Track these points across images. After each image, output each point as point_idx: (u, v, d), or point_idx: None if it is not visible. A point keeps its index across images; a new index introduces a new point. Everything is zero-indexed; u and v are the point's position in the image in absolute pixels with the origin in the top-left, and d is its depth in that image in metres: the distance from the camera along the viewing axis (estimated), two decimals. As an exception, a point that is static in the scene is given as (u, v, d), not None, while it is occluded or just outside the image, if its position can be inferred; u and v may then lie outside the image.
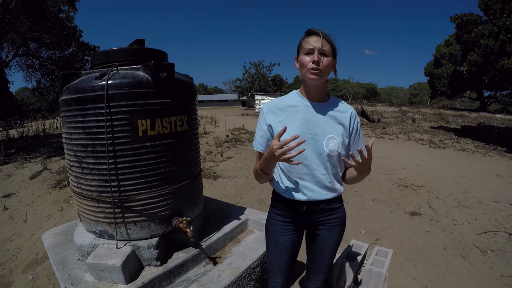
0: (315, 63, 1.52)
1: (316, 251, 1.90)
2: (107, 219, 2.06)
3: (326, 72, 1.58)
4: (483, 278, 3.40)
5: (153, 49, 2.27)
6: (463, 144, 12.22)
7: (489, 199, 5.79)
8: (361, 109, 19.12)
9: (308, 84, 1.65)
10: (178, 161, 2.17)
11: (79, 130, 1.97)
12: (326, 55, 1.54)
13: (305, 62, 1.56)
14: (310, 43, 1.53)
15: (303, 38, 1.60)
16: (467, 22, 14.96)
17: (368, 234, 4.37)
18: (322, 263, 1.91)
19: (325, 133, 1.64)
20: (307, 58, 1.55)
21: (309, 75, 1.57)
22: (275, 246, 1.91)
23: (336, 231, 1.85)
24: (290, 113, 1.69)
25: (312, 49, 1.53)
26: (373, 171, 7.52)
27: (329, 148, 1.63)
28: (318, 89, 1.66)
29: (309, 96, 1.69)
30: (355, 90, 76.80)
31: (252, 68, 51.02)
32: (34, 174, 7.04)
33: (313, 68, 1.53)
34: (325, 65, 1.54)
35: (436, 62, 31.66)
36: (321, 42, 1.52)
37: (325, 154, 1.63)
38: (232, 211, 3.02)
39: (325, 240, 1.85)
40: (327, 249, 1.87)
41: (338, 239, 1.89)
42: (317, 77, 1.56)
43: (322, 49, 1.52)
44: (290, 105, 1.71)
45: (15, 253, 3.88)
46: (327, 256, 1.89)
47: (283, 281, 1.97)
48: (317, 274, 1.95)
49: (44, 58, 16.86)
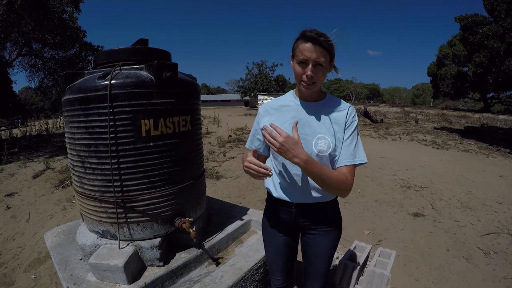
0: (308, 77, 1.46)
1: (310, 257, 1.85)
2: (109, 219, 2.05)
3: (320, 81, 1.53)
4: (486, 280, 3.38)
5: (156, 48, 2.26)
6: (466, 145, 12.17)
7: (493, 200, 5.77)
8: (364, 110, 19.08)
9: (301, 90, 1.61)
10: (181, 161, 2.16)
11: (82, 129, 1.97)
12: (321, 65, 1.46)
13: (299, 73, 1.50)
14: (304, 53, 1.43)
15: (298, 42, 1.47)
16: (472, 23, 14.89)
17: (371, 235, 4.36)
18: (317, 269, 1.84)
19: (315, 132, 1.58)
20: (301, 70, 1.48)
21: (301, 87, 1.54)
22: (269, 245, 1.94)
23: (330, 237, 1.78)
24: (283, 112, 1.69)
25: (306, 60, 1.43)
26: (376, 171, 7.51)
27: (318, 148, 1.56)
28: (312, 92, 1.61)
29: (303, 96, 1.66)
30: (358, 91, 76.74)
31: (255, 68, 51.10)
32: (37, 173, 7.06)
33: (306, 82, 1.49)
34: (319, 78, 1.49)
35: (439, 63, 31.68)
36: (317, 51, 1.41)
37: (314, 155, 1.56)
38: (235, 211, 3.02)
39: (318, 246, 1.78)
40: (321, 255, 1.80)
41: (331, 246, 1.80)
42: (310, 89, 1.53)
43: (317, 61, 1.43)
44: (284, 104, 1.71)
45: (18, 252, 3.89)
46: (322, 262, 1.82)
47: (283, 279, 1.98)
48: (313, 281, 1.88)
49: (47, 58, 16.90)
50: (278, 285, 2.00)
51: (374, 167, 7.87)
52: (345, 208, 5.27)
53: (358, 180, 6.76)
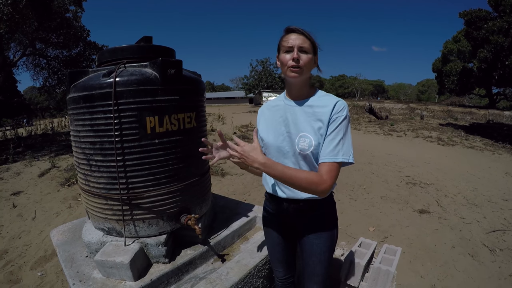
0: (294, 60, 1.50)
1: (305, 257, 1.82)
2: (115, 216, 2.06)
3: (307, 69, 1.56)
4: (492, 277, 3.37)
5: (160, 46, 2.26)
6: (471, 141, 12.11)
7: (498, 197, 5.74)
8: (369, 106, 19.04)
9: (289, 83, 1.64)
10: (187, 158, 2.16)
11: (87, 127, 1.97)
12: (306, 52, 1.52)
13: (285, 60, 1.54)
14: (289, 41, 1.52)
15: (282, 36, 1.58)
16: (477, 18, 14.80)
17: (377, 232, 4.35)
18: (312, 271, 1.81)
19: (298, 131, 1.59)
20: (287, 56, 1.53)
21: (289, 73, 1.55)
22: (268, 238, 2.01)
23: (323, 236, 1.74)
24: (273, 112, 1.76)
25: (291, 47, 1.51)
26: (382, 168, 7.49)
27: (300, 147, 1.57)
28: (299, 87, 1.63)
29: (291, 95, 1.69)
30: (363, 87, 76.34)
31: (259, 65, 50.97)
32: (43, 172, 7.11)
33: (293, 66, 1.51)
34: (305, 62, 1.52)
35: (444, 59, 31.48)
36: (300, 39, 1.51)
37: (297, 153, 1.59)
38: (241, 208, 3.02)
39: (312, 245, 1.76)
40: (315, 255, 1.77)
41: (325, 246, 1.76)
42: (298, 75, 1.54)
43: (301, 46, 1.50)
44: (275, 105, 1.79)
45: (24, 250, 3.92)
46: (317, 263, 1.78)
47: (285, 270, 2.02)
48: (310, 283, 1.85)
49: (51, 58, 16.97)
50: (280, 277, 2.04)
51: (379, 164, 7.85)
52: (351, 205, 5.27)
53: (364, 177, 6.75)
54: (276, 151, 1.69)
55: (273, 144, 1.69)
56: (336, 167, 1.49)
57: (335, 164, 1.48)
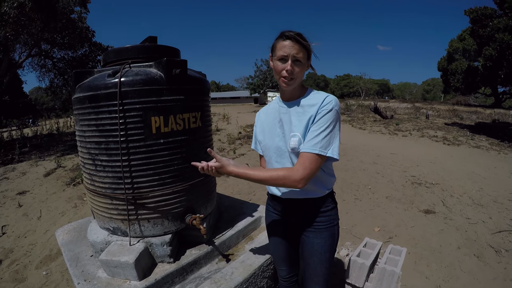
0: (288, 72, 1.52)
1: (305, 257, 1.82)
2: (120, 216, 2.07)
3: (299, 78, 1.58)
4: (497, 278, 3.34)
5: (165, 46, 2.26)
6: (477, 141, 12.01)
7: (504, 197, 5.68)
8: (374, 106, 18.89)
9: (282, 88, 1.67)
10: (192, 158, 2.16)
11: (92, 127, 1.98)
12: (300, 61, 1.53)
13: (278, 70, 1.56)
14: (283, 49, 1.51)
15: (277, 41, 1.56)
16: (482, 16, 14.66)
17: (382, 232, 4.33)
18: (313, 271, 1.79)
19: (290, 131, 1.64)
20: (280, 66, 1.54)
21: (281, 83, 1.59)
22: (271, 236, 2.04)
23: (323, 235, 1.74)
24: (268, 115, 1.84)
25: (286, 56, 1.51)
26: (387, 168, 7.46)
27: (291, 146, 1.61)
28: (290, 91, 1.66)
29: (284, 97, 1.72)
30: (368, 86, 75.99)
31: (264, 65, 50.86)
32: (48, 172, 7.15)
33: (286, 77, 1.54)
34: (298, 73, 1.55)
35: (449, 57, 31.29)
36: (295, 48, 1.50)
37: (289, 153, 1.65)
38: (246, 208, 3.02)
39: (312, 245, 1.76)
40: (315, 255, 1.76)
41: (326, 245, 1.75)
42: (289, 86, 1.58)
43: (295, 56, 1.51)
44: (270, 108, 1.85)
45: (29, 249, 3.94)
46: (317, 263, 1.77)
47: (288, 269, 2.02)
48: (311, 284, 1.83)
49: (57, 59, 17.05)
50: (283, 276, 2.05)
51: (384, 164, 7.81)
52: (356, 205, 5.25)
53: (369, 177, 6.72)
54: (274, 151, 1.74)
55: (271, 145, 1.75)
56: (312, 157, 1.50)
57: (311, 155, 1.50)
